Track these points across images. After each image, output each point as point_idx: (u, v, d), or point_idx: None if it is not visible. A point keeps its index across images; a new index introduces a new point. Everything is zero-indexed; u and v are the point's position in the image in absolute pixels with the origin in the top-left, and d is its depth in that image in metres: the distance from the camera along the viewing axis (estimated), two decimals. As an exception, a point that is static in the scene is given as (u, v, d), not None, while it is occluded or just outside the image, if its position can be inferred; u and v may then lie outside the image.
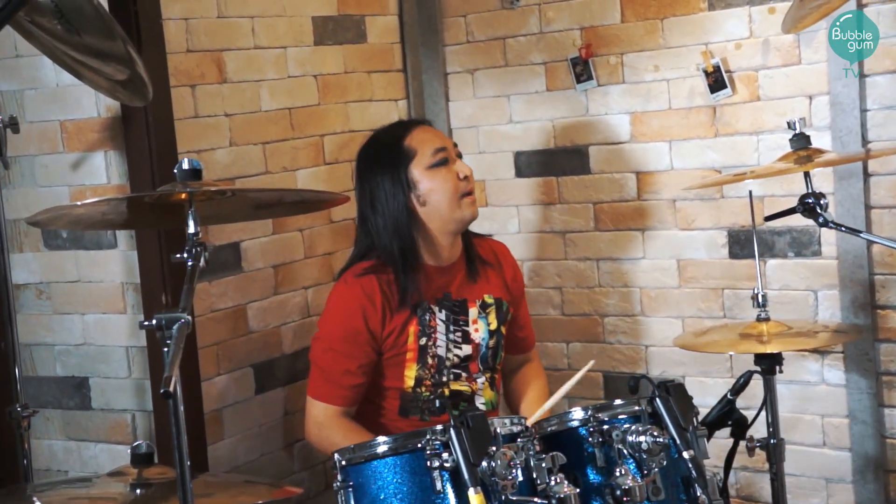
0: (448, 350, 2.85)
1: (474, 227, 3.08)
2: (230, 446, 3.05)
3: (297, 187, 3.20)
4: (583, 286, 3.54)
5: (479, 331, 2.89)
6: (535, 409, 2.81)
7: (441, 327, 2.84)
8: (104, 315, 2.93)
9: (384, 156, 2.85)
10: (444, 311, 2.85)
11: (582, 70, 3.42)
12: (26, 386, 2.85)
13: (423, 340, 2.82)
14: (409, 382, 2.83)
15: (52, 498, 2.38)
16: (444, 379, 2.85)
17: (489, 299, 2.93)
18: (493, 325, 2.92)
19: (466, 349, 2.87)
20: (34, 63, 2.90)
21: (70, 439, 3.01)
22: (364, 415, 2.84)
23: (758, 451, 2.80)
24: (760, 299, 2.80)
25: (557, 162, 3.53)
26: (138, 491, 2.25)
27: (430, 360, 2.83)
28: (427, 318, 2.83)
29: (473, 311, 2.89)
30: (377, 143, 2.91)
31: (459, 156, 2.90)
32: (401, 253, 2.80)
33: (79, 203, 2.35)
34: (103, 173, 2.87)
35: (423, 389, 2.83)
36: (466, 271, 2.92)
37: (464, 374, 2.88)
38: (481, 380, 2.90)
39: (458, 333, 2.87)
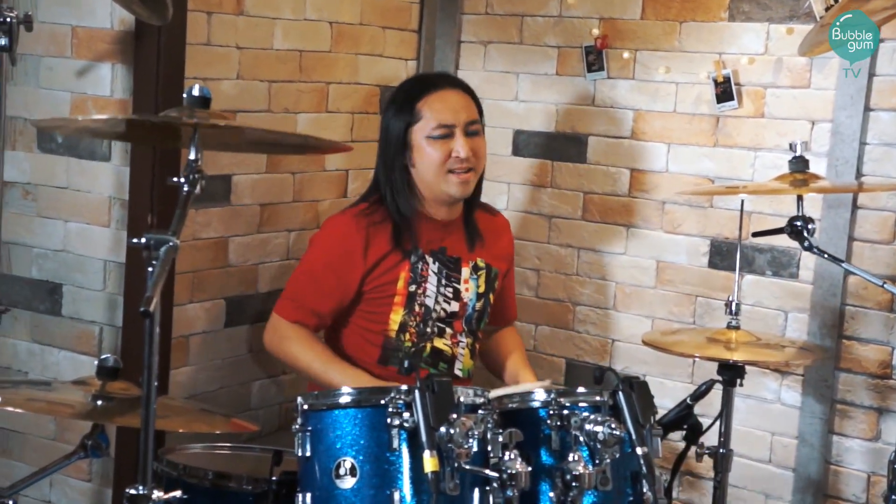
0: (437, 302, 2.89)
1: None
2: (192, 374, 3.07)
3: (297, 130, 3.22)
4: (560, 272, 3.57)
5: (468, 290, 2.94)
6: (522, 369, 2.97)
7: (433, 279, 2.89)
8: (87, 225, 2.93)
9: (398, 109, 2.90)
10: (437, 264, 2.90)
11: (594, 60, 3.44)
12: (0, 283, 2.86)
13: (413, 287, 2.87)
14: (394, 327, 2.86)
15: (11, 395, 2.38)
16: (429, 330, 2.88)
17: (481, 263, 2.98)
18: (482, 289, 2.97)
19: (454, 305, 2.92)
20: (54, -36, 2.90)
21: (35, 342, 3.02)
22: (344, 359, 2.88)
23: (706, 458, 2.85)
24: (734, 307, 2.84)
25: (555, 146, 3.55)
26: (99, 402, 2.26)
27: (417, 308, 2.87)
28: (420, 266, 2.87)
29: (466, 271, 2.94)
30: (401, 92, 2.97)
31: (474, 132, 2.89)
32: (393, 201, 2.86)
33: (80, 118, 2.36)
34: (107, 85, 2.86)
35: (407, 338, 2.87)
36: (465, 232, 2.96)
37: (448, 331, 2.92)
38: (463, 343, 2.94)
39: (450, 289, 2.91)
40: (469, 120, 2.88)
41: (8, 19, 2.51)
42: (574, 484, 2.21)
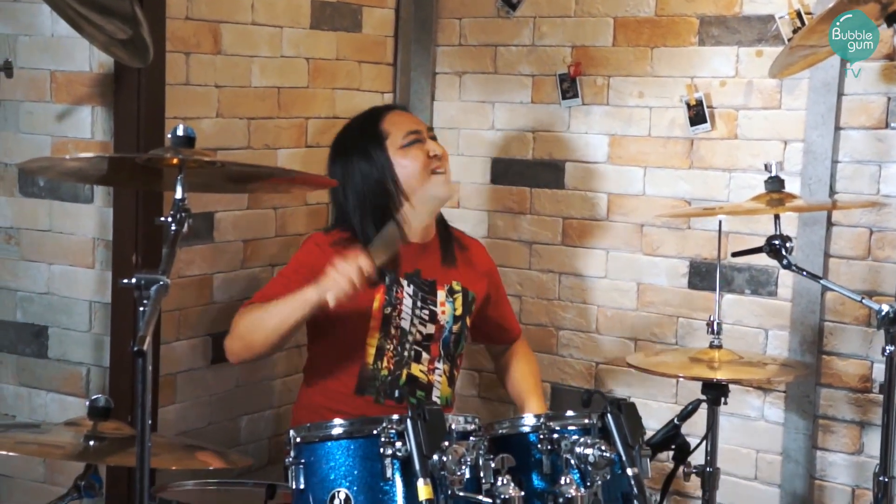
0: (412, 324, 2.92)
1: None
2: (180, 411, 3.08)
3: (278, 166, 3.25)
4: (542, 297, 3.61)
5: (445, 313, 2.97)
6: (533, 395, 3.05)
7: (408, 301, 2.92)
8: (71, 267, 2.94)
9: (359, 139, 2.98)
10: (412, 287, 2.93)
11: (568, 87, 3.49)
12: (-17, 328, 2.87)
13: (388, 310, 2.90)
14: (371, 351, 2.89)
15: (1, 439, 2.39)
16: (406, 354, 2.91)
17: (457, 286, 3.01)
18: (459, 312, 3.00)
19: (430, 328, 2.95)
20: (31, 9, 2.91)
21: (22, 385, 3.02)
22: (320, 390, 2.90)
23: (693, 477, 2.88)
24: (715, 327, 2.88)
25: (533, 173, 3.60)
26: (91, 442, 2.27)
27: (392, 331, 2.90)
28: (394, 289, 2.90)
29: (442, 294, 2.98)
30: (353, 127, 3.05)
31: (433, 138, 3.04)
32: (372, 229, 2.89)
33: (68, 157, 2.38)
34: (88, 128, 2.88)
35: (384, 365, 2.89)
36: (440, 255, 3.00)
37: (424, 355, 2.94)
38: (440, 370, 2.96)
39: (426, 311, 2.95)
40: (428, 127, 3.08)
41: (-11, 67, 2.54)
42: (566, 507, 2.24)
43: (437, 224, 3.06)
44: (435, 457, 2.13)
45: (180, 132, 2.13)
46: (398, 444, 2.16)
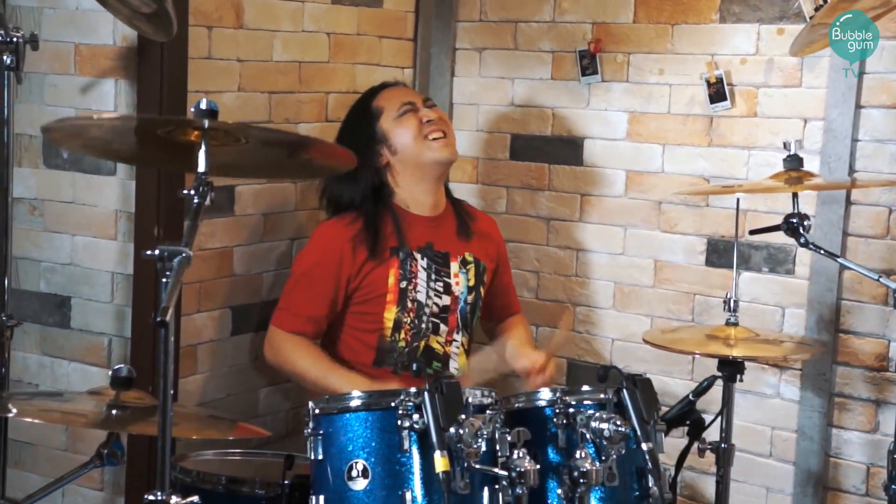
0: (428, 297, 2.97)
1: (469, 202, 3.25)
2: (200, 382, 3.12)
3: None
4: (560, 273, 3.62)
5: (459, 284, 3.03)
6: (520, 347, 3.08)
7: (422, 274, 2.97)
8: (94, 239, 2.97)
9: (356, 119, 3.09)
10: (426, 260, 2.98)
11: (588, 64, 3.49)
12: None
13: (404, 284, 2.95)
14: (388, 325, 2.94)
15: (26, 406, 2.43)
16: (423, 327, 2.95)
17: (469, 257, 3.07)
18: (472, 283, 3.06)
19: (446, 299, 3.01)
20: (56, -18, 2.94)
21: (45, 355, 3.06)
22: (339, 363, 2.95)
23: (708, 453, 2.90)
24: (732, 304, 2.89)
25: (552, 150, 3.60)
26: (113, 411, 2.30)
27: (409, 304, 2.96)
28: (409, 263, 2.96)
29: (455, 265, 3.04)
30: (351, 111, 3.16)
31: (431, 107, 3.10)
32: (374, 204, 2.99)
33: (94, 117, 2.38)
34: (111, 101, 2.91)
35: (402, 337, 2.94)
36: (454, 227, 3.06)
37: (442, 326, 2.99)
38: (458, 342, 3.01)
39: (440, 283, 3.00)
40: (424, 97, 3.13)
41: (15, 39, 2.57)
42: (581, 480, 2.26)
43: (447, 198, 3.13)
44: (452, 429, 2.15)
45: (203, 105, 2.14)
46: (416, 417, 2.19)
